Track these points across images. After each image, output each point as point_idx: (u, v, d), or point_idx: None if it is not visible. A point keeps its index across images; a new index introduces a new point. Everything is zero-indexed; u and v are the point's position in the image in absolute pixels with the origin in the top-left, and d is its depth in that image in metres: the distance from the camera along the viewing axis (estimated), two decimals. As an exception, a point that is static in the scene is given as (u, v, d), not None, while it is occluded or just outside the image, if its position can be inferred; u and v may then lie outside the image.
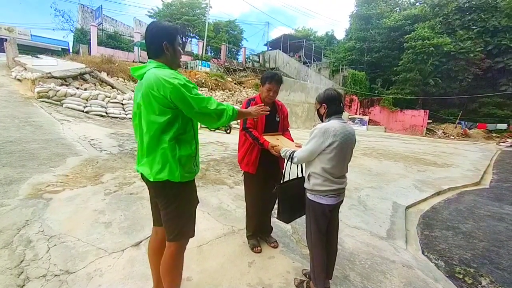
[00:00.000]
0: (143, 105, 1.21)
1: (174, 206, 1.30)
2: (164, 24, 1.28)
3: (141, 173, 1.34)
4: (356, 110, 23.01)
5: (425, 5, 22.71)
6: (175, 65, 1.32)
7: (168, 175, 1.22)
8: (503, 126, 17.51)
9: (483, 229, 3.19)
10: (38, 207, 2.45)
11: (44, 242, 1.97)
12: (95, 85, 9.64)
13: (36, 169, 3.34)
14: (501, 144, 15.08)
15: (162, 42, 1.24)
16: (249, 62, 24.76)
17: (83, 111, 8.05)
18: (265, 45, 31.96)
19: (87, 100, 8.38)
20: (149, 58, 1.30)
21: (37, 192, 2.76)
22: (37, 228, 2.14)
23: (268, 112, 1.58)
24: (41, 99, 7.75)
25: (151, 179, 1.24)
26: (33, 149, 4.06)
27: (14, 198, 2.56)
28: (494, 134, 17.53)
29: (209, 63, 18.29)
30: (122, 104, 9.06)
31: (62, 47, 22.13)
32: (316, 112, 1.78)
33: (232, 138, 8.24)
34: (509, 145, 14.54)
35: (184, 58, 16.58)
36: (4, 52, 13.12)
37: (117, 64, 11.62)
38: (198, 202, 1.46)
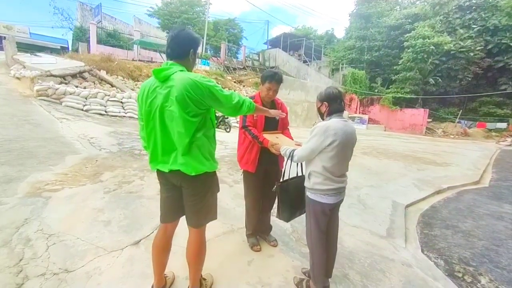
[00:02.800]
0: (177, 106, 1.24)
1: (210, 193, 1.49)
2: (193, 32, 1.42)
3: (170, 170, 1.35)
4: (356, 109, 22.99)
5: (426, 3, 22.70)
6: (190, 70, 1.43)
7: (207, 167, 1.40)
8: (503, 125, 17.53)
9: (483, 228, 3.19)
10: (37, 206, 2.44)
11: (43, 240, 1.96)
12: (94, 83, 9.59)
13: (35, 168, 3.33)
14: (500, 143, 15.09)
15: (190, 48, 1.38)
16: (249, 60, 24.69)
17: (82, 110, 8.02)
18: (265, 43, 31.81)
19: (86, 99, 8.34)
20: (170, 59, 1.36)
21: (36, 190, 2.75)
22: (36, 226, 2.13)
23: (285, 115, 1.79)
24: (40, 98, 7.72)
25: (193, 174, 1.34)
26: (32, 148, 4.05)
27: (13, 197, 2.55)
28: (493, 133, 17.53)
29: (208, 61, 18.22)
30: (121, 102, 9.03)
31: (61, 45, 21.98)
32: (317, 110, 1.77)
33: (232, 137, 8.23)
34: (509, 144, 14.57)
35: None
36: (3, 50, 13.03)
37: (116, 62, 11.56)
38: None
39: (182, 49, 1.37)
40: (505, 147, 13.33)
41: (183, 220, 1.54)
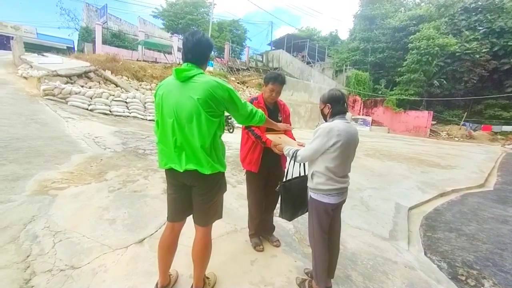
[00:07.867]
0: (199, 107, 1.28)
1: (220, 192, 1.53)
2: (210, 38, 1.45)
3: (185, 170, 1.35)
4: (359, 110, 22.88)
5: (431, 5, 22.52)
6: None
7: (221, 167, 1.45)
8: (509, 128, 17.31)
9: (487, 232, 3.17)
10: (44, 203, 2.49)
11: (50, 237, 2.00)
12: (99, 83, 9.71)
13: (41, 166, 3.39)
14: (506, 146, 14.91)
15: (209, 54, 1.45)
16: (253, 61, 24.72)
17: (87, 109, 8.11)
18: (269, 44, 31.81)
19: (91, 98, 8.44)
20: (189, 63, 1.35)
21: (43, 188, 2.80)
22: (43, 223, 2.17)
23: (292, 128, 1.89)
24: (46, 97, 7.83)
25: (209, 173, 1.37)
26: (38, 146, 4.12)
27: (21, 194, 2.60)
28: (499, 136, 17.34)
29: (212, 62, 18.30)
30: (126, 102, 9.12)
31: (68, 45, 22.25)
32: (320, 112, 1.78)
33: (235, 137, 8.25)
34: (514, 147, 14.37)
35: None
36: (11, 50, 13.25)
37: (121, 62, 11.67)
38: None
39: (204, 56, 1.40)
40: (511, 150, 13.16)
41: (187, 219, 1.56)
